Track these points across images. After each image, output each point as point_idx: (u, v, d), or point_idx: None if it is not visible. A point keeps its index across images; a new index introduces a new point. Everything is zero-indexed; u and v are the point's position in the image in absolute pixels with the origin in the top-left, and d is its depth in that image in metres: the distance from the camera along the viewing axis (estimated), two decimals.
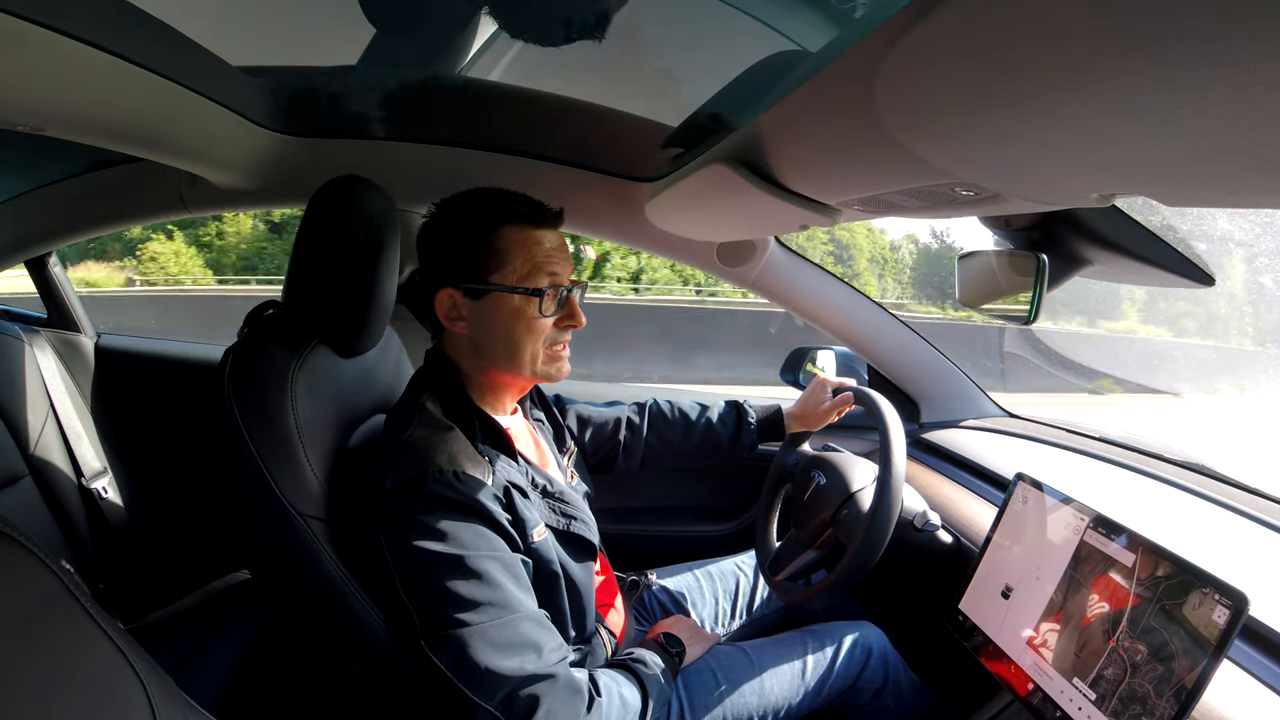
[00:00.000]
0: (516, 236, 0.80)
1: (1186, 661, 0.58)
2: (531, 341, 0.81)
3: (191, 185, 1.18)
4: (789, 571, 1.02)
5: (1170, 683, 0.59)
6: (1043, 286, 0.83)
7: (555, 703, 0.70)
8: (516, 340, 0.81)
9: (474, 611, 0.69)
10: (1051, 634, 0.72)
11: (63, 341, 1.42)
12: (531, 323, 0.81)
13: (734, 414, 1.16)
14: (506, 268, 0.80)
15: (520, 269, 0.80)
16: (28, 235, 1.31)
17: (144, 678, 0.48)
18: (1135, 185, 0.44)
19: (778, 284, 1.32)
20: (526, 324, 0.80)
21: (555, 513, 0.84)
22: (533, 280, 0.80)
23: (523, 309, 0.80)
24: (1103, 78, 0.29)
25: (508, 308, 0.80)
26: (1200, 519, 0.90)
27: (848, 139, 0.55)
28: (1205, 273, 0.78)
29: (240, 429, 0.75)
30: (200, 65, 0.84)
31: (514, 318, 0.80)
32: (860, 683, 0.97)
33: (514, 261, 0.80)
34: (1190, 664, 0.58)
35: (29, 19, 0.55)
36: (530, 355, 0.82)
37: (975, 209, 0.66)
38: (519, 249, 0.80)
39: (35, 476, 1.20)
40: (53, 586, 0.46)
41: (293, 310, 0.85)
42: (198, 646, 1.12)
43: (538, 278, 0.80)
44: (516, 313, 0.80)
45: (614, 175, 1.16)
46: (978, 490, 1.12)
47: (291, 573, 0.77)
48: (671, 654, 0.89)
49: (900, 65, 0.38)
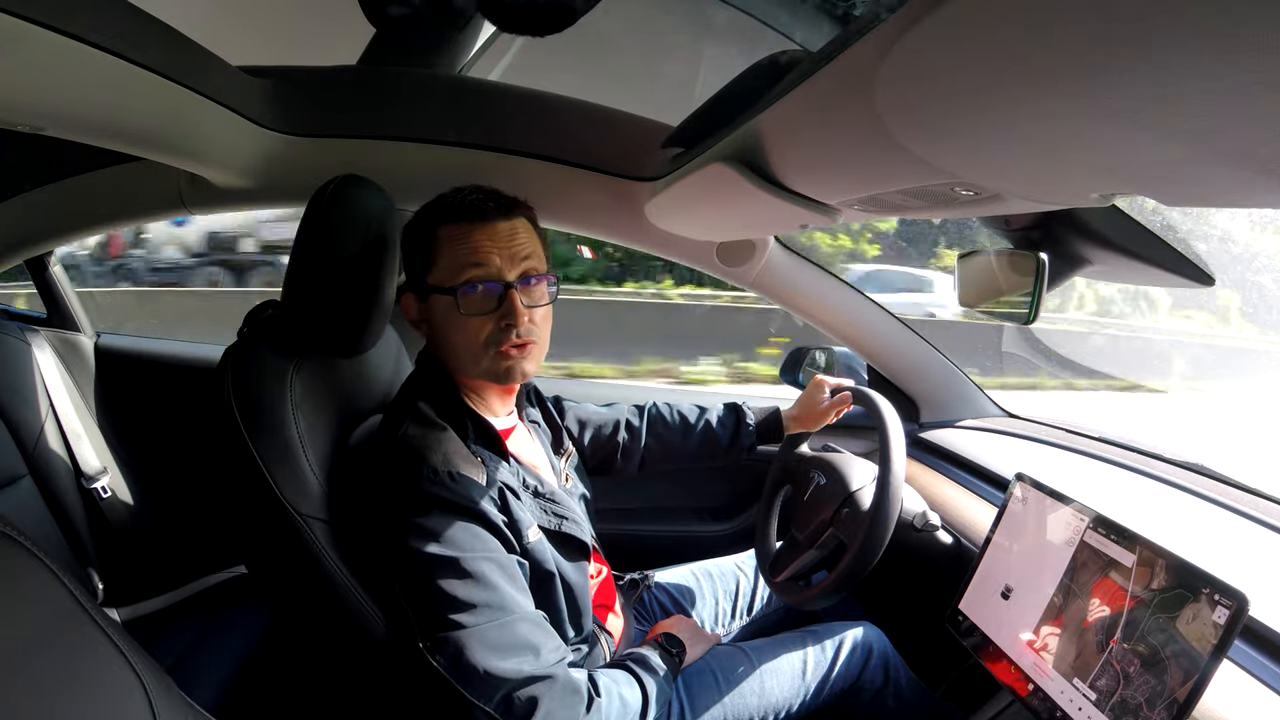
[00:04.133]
0: (449, 233, 0.78)
1: (1179, 674, 0.59)
2: (467, 342, 0.78)
3: (191, 185, 1.18)
4: (789, 572, 1.02)
5: (1163, 696, 0.59)
6: (1042, 286, 0.83)
7: (554, 703, 0.70)
8: (452, 341, 0.79)
9: (470, 613, 0.69)
10: (1051, 635, 0.72)
11: (62, 341, 1.42)
12: (462, 322, 0.77)
13: (732, 416, 1.16)
14: (435, 267, 0.78)
15: (445, 266, 0.78)
16: (28, 235, 1.31)
17: (144, 678, 0.48)
18: (1135, 185, 0.44)
19: (777, 284, 1.32)
20: (456, 324, 0.78)
21: (546, 513, 0.84)
22: (453, 278, 0.77)
23: (450, 309, 0.77)
24: (1103, 78, 0.29)
25: (441, 307, 0.78)
26: (1200, 519, 0.90)
27: (848, 139, 0.55)
28: (1205, 273, 0.78)
29: (240, 429, 0.75)
30: (200, 65, 0.84)
31: (445, 318, 0.78)
32: (860, 683, 0.97)
33: (440, 259, 0.78)
34: (1183, 677, 0.58)
35: (29, 19, 0.55)
36: (470, 355, 0.78)
37: (975, 209, 0.66)
38: (446, 246, 0.78)
39: (35, 476, 1.20)
40: (53, 587, 0.46)
41: (292, 310, 0.85)
42: (198, 646, 1.12)
43: (457, 274, 0.77)
44: (447, 313, 0.78)
45: (614, 175, 1.16)
46: (977, 490, 1.12)
47: (291, 573, 0.77)
48: (672, 654, 0.89)
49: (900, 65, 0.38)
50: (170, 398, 1.51)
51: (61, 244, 1.41)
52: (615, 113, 1.17)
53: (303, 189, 0.88)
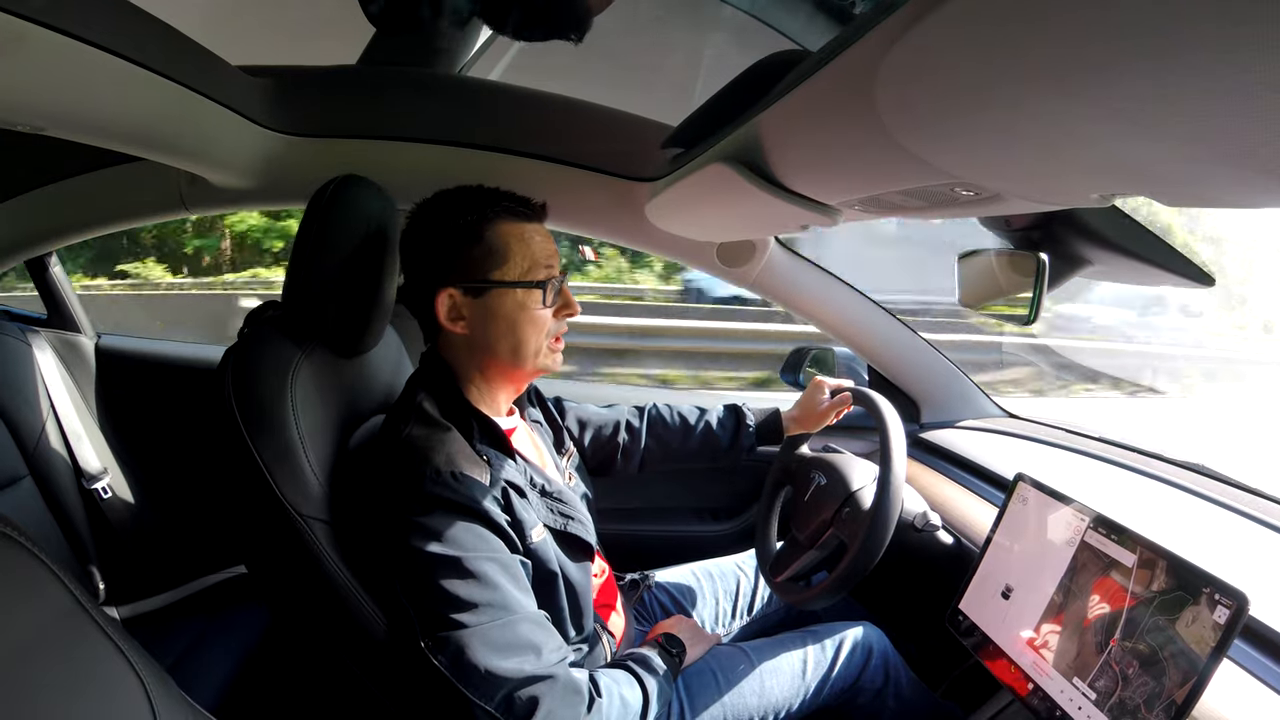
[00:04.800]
0: (513, 231, 0.81)
1: (1177, 676, 0.59)
2: (536, 335, 0.82)
3: (191, 185, 1.18)
4: (790, 573, 1.02)
5: (1161, 698, 0.59)
6: (1043, 286, 0.83)
7: (555, 703, 0.70)
8: (521, 334, 0.82)
9: (472, 613, 0.69)
10: (1052, 634, 0.72)
11: (63, 342, 1.42)
12: (535, 316, 0.82)
13: (732, 417, 1.16)
14: (507, 263, 0.80)
15: (521, 264, 0.81)
16: (28, 235, 1.31)
17: (144, 678, 0.48)
18: (1135, 185, 0.44)
19: (778, 284, 1.32)
20: (530, 317, 0.81)
21: (553, 512, 0.84)
22: (534, 274, 0.81)
23: (525, 303, 0.81)
24: (1103, 78, 0.29)
25: (511, 303, 0.81)
26: (1200, 519, 0.90)
27: (848, 139, 0.55)
28: (1205, 273, 0.78)
29: (240, 429, 0.75)
30: (200, 65, 0.84)
31: (518, 312, 0.81)
32: (861, 683, 0.97)
33: (514, 257, 0.81)
34: (1181, 679, 0.58)
35: (29, 19, 0.55)
36: (534, 348, 0.83)
37: (975, 209, 0.66)
38: (517, 244, 0.81)
39: (35, 477, 1.20)
40: (53, 588, 0.46)
41: (293, 310, 0.85)
42: (198, 646, 1.12)
43: (538, 271, 0.82)
44: (520, 307, 0.81)
45: (614, 175, 1.16)
46: (978, 490, 1.12)
47: (292, 573, 0.77)
48: (672, 654, 0.89)
49: (900, 65, 0.38)
50: (171, 398, 1.51)
51: (61, 244, 1.41)
52: (615, 113, 1.17)
53: (303, 189, 0.88)
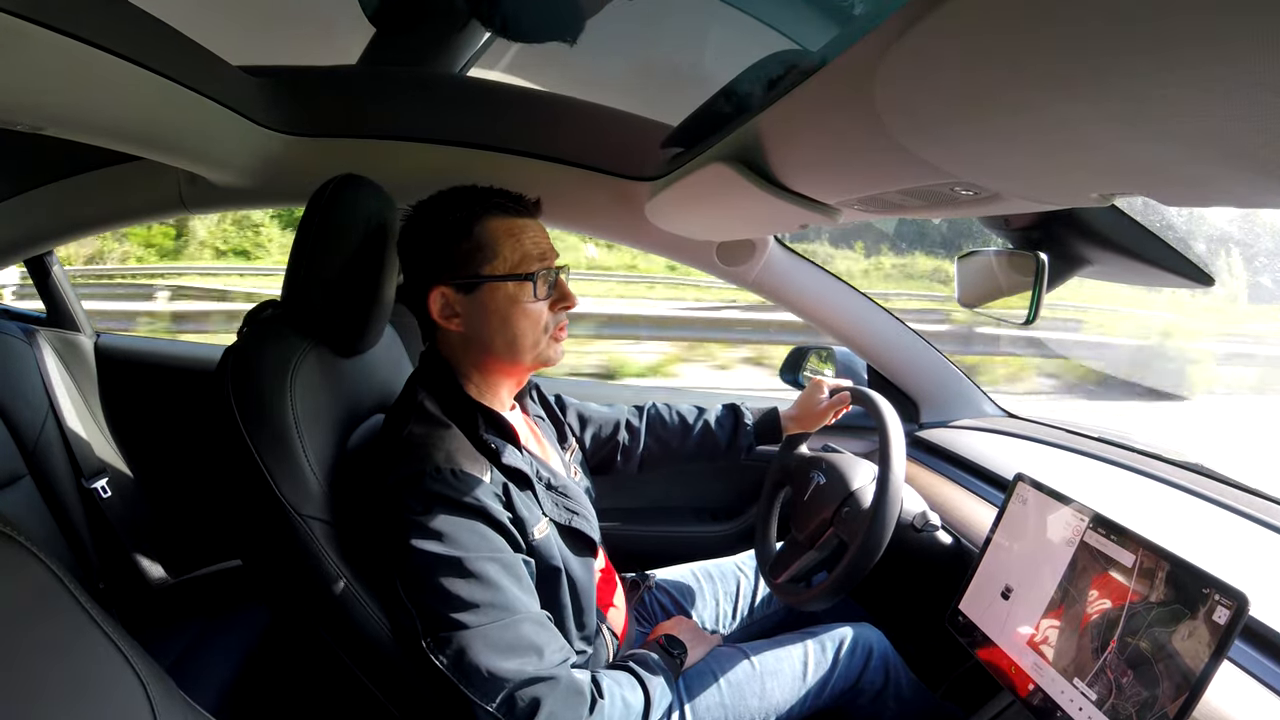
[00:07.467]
0: (502, 226, 0.81)
1: (1170, 689, 0.59)
2: (531, 328, 0.82)
3: (191, 185, 1.18)
4: (790, 574, 1.02)
5: (1153, 709, 0.59)
6: (1042, 286, 0.83)
7: (557, 704, 0.70)
8: (516, 328, 0.81)
9: (474, 613, 0.69)
10: (1052, 634, 0.72)
11: (62, 341, 1.42)
12: (528, 309, 0.81)
13: (731, 416, 1.16)
14: (497, 258, 0.80)
15: (510, 257, 0.81)
16: (28, 235, 1.31)
17: (144, 678, 0.48)
18: (1135, 185, 0.44)
19: (777, 284, 1.32)
20: (523, 311, 0.81)
21: (559, 506, 0.84)
22: (524, 266, 0.81)
23: (517, 297, 0.81)
24: (1103, 77, 0.29)
25: (502, 297, 0.81)
26: (1200, 519, 0.90)
27: (848, 139, 0.55)
28: (1204, 273, 0.78)
29: (240, 429, 0.75)
30: (200, 65, 0.84)
31: (510, 306, 0.81)
32: (861, 684, 0.97)
33: (503, 251, 0.80)
34: (1174, 693, 0.58)
35: (29, 19, 0.55)
36: (531, 341, 0.82)
37: (975, 209, 0.66)
38: (506, 238, 0.81)
39: (35, 476, 1.20)
40: (53, 587, 0.46)
41: (292, 310, 0.85)
42: (198, 646, 1.12)
43: (528, 263, 0.81)
44: (511, 301, 0.81)
45: (614, 175, 1.16)
46: (977, 490, 1.12)
47: (292, 573, 0.77)
48: (673, 656, 0.89)
49: (900, 65, 0.38)
50: (170, 398, 1.51)
51: (61, 244, 1.41)
52: (615, 112, 1.17)
53: (303, 189, 0.88)
